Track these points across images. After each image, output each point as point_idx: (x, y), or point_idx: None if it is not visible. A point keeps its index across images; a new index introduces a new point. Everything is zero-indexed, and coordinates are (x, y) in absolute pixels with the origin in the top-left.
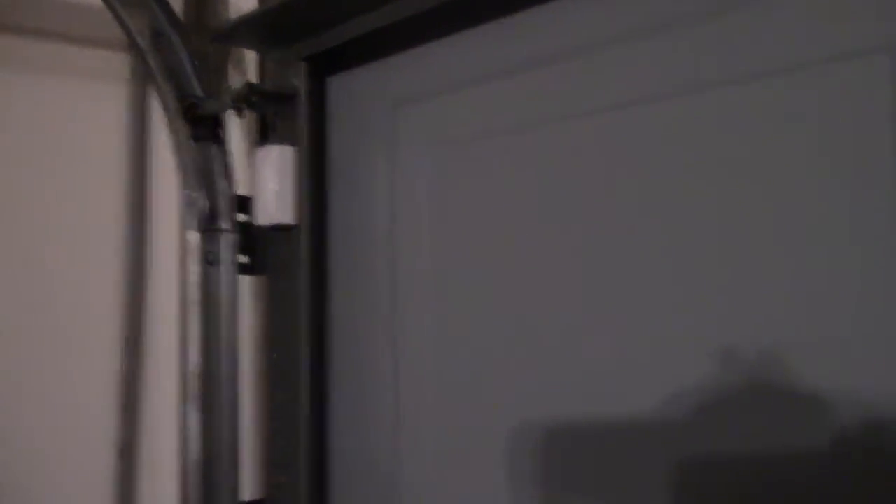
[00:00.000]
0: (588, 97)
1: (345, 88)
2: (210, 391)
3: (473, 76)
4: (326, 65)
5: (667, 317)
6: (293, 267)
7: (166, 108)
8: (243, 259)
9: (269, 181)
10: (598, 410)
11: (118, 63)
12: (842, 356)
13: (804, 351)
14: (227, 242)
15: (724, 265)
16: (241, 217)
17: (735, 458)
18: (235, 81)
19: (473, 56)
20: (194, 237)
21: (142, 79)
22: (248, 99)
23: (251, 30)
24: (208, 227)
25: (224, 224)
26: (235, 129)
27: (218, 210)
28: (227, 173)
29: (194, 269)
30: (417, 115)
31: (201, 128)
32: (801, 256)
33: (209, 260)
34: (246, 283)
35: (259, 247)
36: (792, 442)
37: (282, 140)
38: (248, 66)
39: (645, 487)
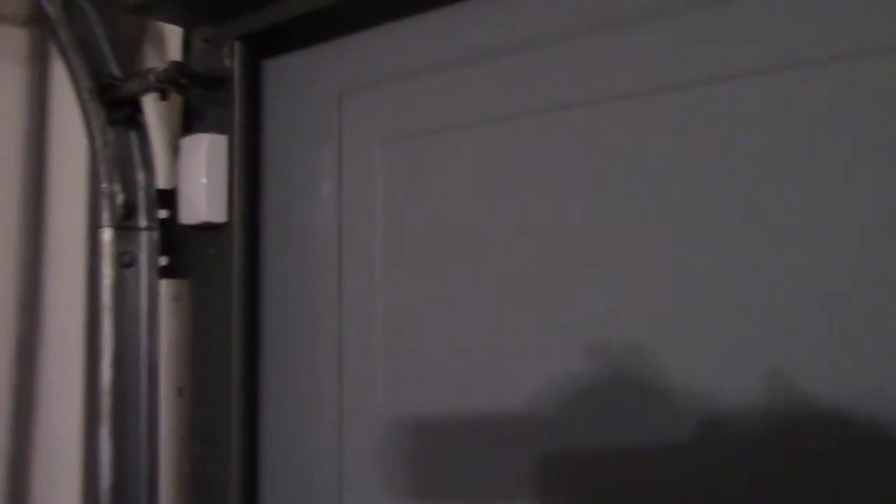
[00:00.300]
0: (552, 91)
1: (283, 73)
2: (124, 411)
3: (428, 65)
4: (262, 46)
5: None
6: (223, 270)
7: (78, 89)
8: (163, 261)
9: (197, 174)
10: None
11: (13, 40)
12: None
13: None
14: (145, 242)
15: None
16: (162, 213)
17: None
18: (153, 61)
19: (428, 43)
20: (108, 235)
21: (41, 56)
22: (175, 80)
23: (177, 2)
24: (124, 224)
25: (143, 221)
26: (153, 115)
27: (136, 205)
28: (147, 164)
29: (107, 272)
30: (366, 106)
31: (119, 111)
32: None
33: (124, 262)
34: (166, 287)
35: (182, 247)
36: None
37: (212, 128)
38: (169, 44)
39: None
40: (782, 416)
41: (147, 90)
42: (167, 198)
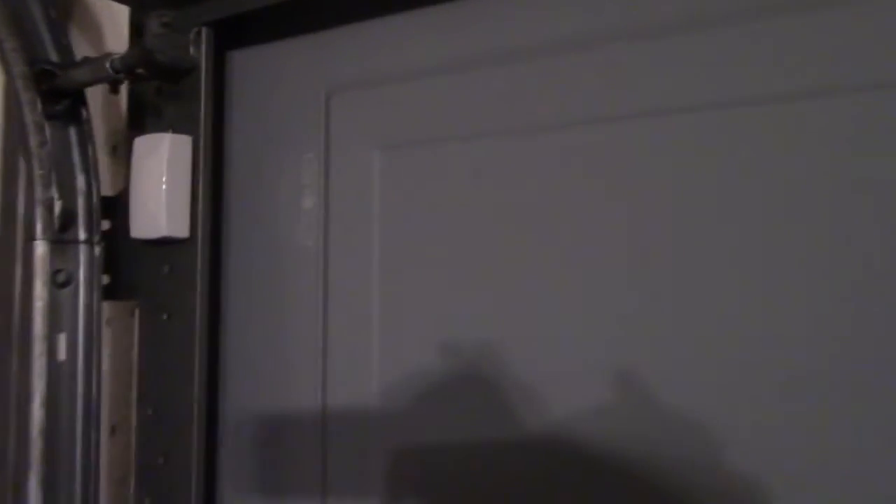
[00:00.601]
0: (567, 104)
1: (255, 67)
2: (58, 458)
3: (430, 65)
4: (230, 35)
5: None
6: (182, 293)
7: (9, 75)
8: (104, 280)
9: (155, 180)
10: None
11: None
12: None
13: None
14: (85, 258)
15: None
16: (105, 225)
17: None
18: (96, 48)
19: (430, 40)
20: (42, 249)
21: None
22: (134, 69)
23: None
24: (59, 237)
25: (83, 234)
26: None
27: (75, 214)
28: (88, 167)
29: (41, 293)
30: (361, 108)
31: (58, 104)
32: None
33: (58, 281)
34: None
35: (128, 265)
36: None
37: (170, 127)
38: (109, 28)
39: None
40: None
41: (98, 80)
42: (111, 207)
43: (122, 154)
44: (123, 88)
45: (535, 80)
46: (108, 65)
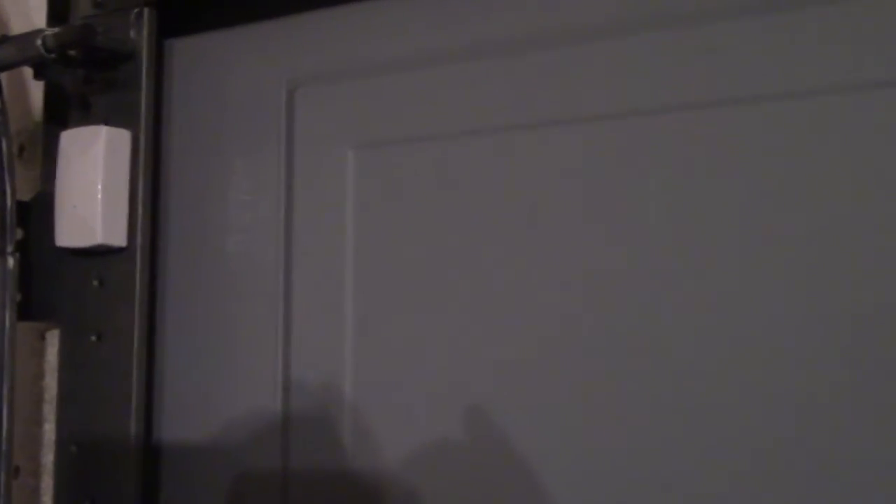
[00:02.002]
0: (562, 100)
1: (201, 57)
2: None
3: (413, 56)
4: (169, 21)
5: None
6: (116, 310)
7: None
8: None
9: (89, 180)
10: None
11: None
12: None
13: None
14: None
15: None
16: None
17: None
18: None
19: (412, 29)
20: None
21: None
22: (66, 50)
23: None
24: None
25: None
26: None
27: None
28: (2, 165)
29: None
30: (330, 102)
31: None
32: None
33: None
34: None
35: (44, 279)
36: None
37: (105, 121)
38: (19, 8)
39: None
40: None
41: (24, 60)
42: (26, 213)
43: (31, 155)
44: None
45: (532, 73)
46: (39, 42)
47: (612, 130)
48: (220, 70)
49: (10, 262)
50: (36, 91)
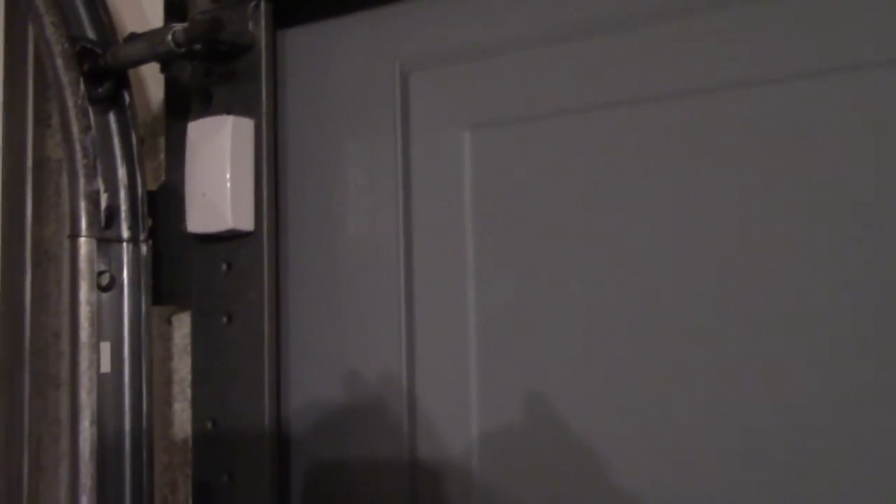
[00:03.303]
0: (678, 75)
1: (314, 46)
2: (105, 481)
3: (518, 36)
4: (283, 12)
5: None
6: (245, 293)
7: (49, 55)
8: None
9: (218, 167)
10: None
11: None
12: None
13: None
14: (129, 258)
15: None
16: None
17: None
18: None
19: (521, 8)
20: (87, 248)
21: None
22: (190, 47)
23: None
24: (103, 234)
25: (126, 231)
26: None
27: (117, 210)
28: (131, 156)
29: (87, 297)
30: (445, 85)
31: (101, 86)
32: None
33: (101, 284)
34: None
35: (175, 265)
36: None
37: (228, 111)
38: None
39: None
40: None
41: (155, 56)
42: (155, 201)
43: (151, 146)
44: (147, 74)
45: (648, 48)
46: (169, 37)
47: (733, 102)
48: (333, 58)
49: (144, 249)
50: (152, 86)
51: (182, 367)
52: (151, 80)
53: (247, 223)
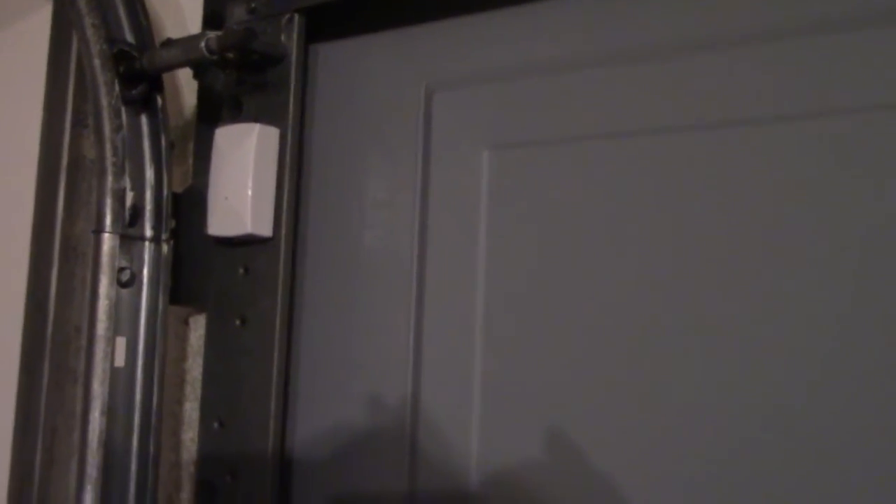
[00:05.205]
0: (685, 110)
1: (343, 61)
2: (112, 472)
3: (541, 61)
4: (314, 27)
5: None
6: (260, 297)
7: (88, 55)
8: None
9: (241, 173)
10: None
11: None
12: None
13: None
14: (150, 256)
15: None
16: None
17: None
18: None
19: (543, 33)
20: (110, 244)
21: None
22: (223, 55)
23: None
24: (127, 231)
25: (149, 230)
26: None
27: (142, 209)
28: (159, 158)
29: (106, 292)
30: (466, 106)
31: (135, 88)
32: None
33: (121, 280)
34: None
35: (195, 267)
36: None
37: (255, 119)
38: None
39: None
40: None
41: (189, 61)
42: (178, 203)
43: (181, 150)
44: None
45: (670, 79)
46: (202, 44)
47: (756, 135)
48: (361, 73)
49: (165, 248)
50: (186, 92)
51: (195, 368)
52: (186, 87)
53: (265, 229)
